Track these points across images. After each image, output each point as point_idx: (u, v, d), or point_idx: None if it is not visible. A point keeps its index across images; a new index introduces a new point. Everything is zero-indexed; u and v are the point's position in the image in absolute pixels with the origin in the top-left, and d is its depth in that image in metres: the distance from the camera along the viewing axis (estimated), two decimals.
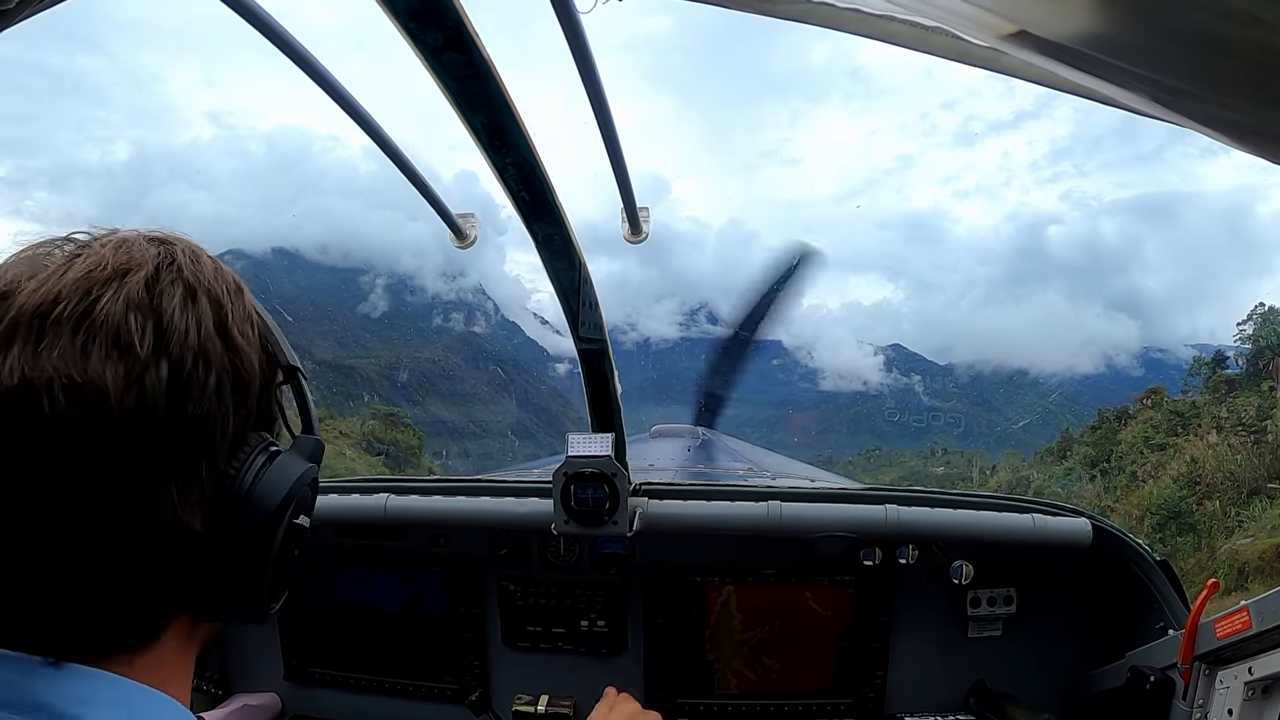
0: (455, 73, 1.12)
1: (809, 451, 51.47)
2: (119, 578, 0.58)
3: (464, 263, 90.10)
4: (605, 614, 2.18)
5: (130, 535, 0.58)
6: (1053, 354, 79.19)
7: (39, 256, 0.61)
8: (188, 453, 0.59)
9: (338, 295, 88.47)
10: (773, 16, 1.05)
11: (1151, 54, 0.58)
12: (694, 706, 2.18)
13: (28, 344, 0.55)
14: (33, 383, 0.54)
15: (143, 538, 0.58)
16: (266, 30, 1.17)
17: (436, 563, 2.22)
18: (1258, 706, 1.50)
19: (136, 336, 0.57)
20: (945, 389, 79.07)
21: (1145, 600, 1.94)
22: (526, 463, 6.53)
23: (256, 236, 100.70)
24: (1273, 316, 24.76)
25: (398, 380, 67.89)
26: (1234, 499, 16.40)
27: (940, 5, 0.66)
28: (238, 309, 0.65)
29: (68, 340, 0.55)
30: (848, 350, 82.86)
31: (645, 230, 1.81)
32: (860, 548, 2.02)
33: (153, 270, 0.61)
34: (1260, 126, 0.63)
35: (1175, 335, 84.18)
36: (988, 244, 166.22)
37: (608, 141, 1.48)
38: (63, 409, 0.54)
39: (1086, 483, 22.98)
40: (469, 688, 2.20)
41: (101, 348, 0.56)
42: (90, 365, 0.55)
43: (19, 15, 0.82)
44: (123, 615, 0.60)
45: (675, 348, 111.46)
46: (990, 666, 2.11)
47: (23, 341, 0.55)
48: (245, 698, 2.31)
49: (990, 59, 0.95)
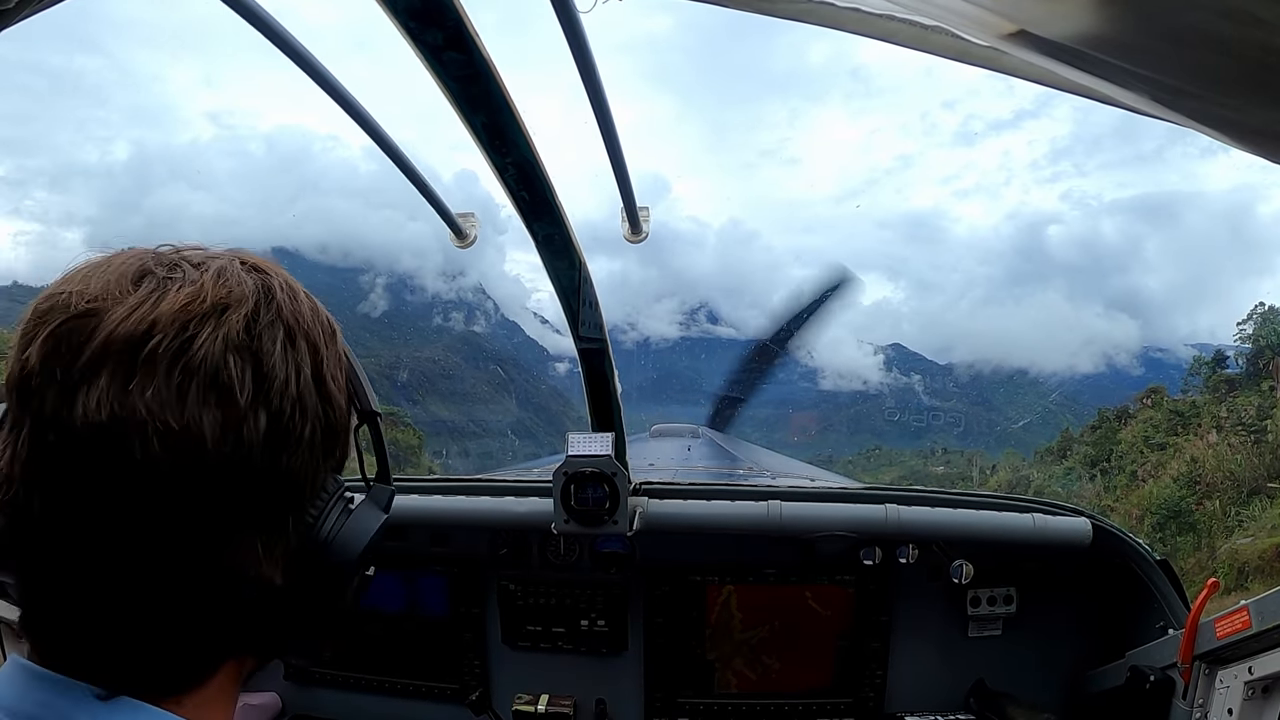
0: (455, 72, 1.12)
1: (809, 451, 51.44)
2: (191, 622, 0.56)
3: (464, 262, 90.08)
4: (605, 614, 2.18)
5: (209, 584, 0.56)
6: (1053, 353, 79.24)
7: (125, 271, 0.56)
8: (277, 505, 0.58)
9: (338, 295, 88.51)
10: (773, 16, 1.05)
11: (1151, 54, 0.58)
12: (694, 706, 2.18)
13: (116, 378, 0.51)
14: (124, 423, 0.51)
15: (222, 588, 0.56)
16: (266, 30, 1.17)
17: (436, 563, 2.22)
18: (1258, 706, 1.50)
19: (237, 382, 0.54)
20: (945, 388, 79.09)
21: (1145, 600, 1.94)
22: (526, 462, 6.53)
23: (256, 236, 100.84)
24: (1273, 316, 24.75)
25: (397, 380, 67.87)
26: (1234, 498, 16.40)
27: (940, 4, 0.66)
28: (331, 354, 0.63)
29: (163, 380, 0.52)
30: (848, 350, 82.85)
31: (645, 230, 1.81)
32: (860, 547, 2.02)
33: (252, 308, 0.57)
34: (1260, 125, 0.63)
35: (1175, 335, 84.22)
36: (988, 243, 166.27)
37: (608, 141, 1.48)
38: (156, 454, 0.51)
39: (1086, 482, 22.98)
40: (469, 687, 2.20)
41: (199, 391, 0.52)
42: (187, 409, 0.52)
43: (19, 15, 0.82)
44: (186, 657, 0.58)
45: (675, 347, 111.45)
46: (990, 666, 2.11)
47: (111, 374, 0.51)
48: (245, 697, 2.30)
49: (990, 58, 0.95)
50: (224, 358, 0.54)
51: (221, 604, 0.57)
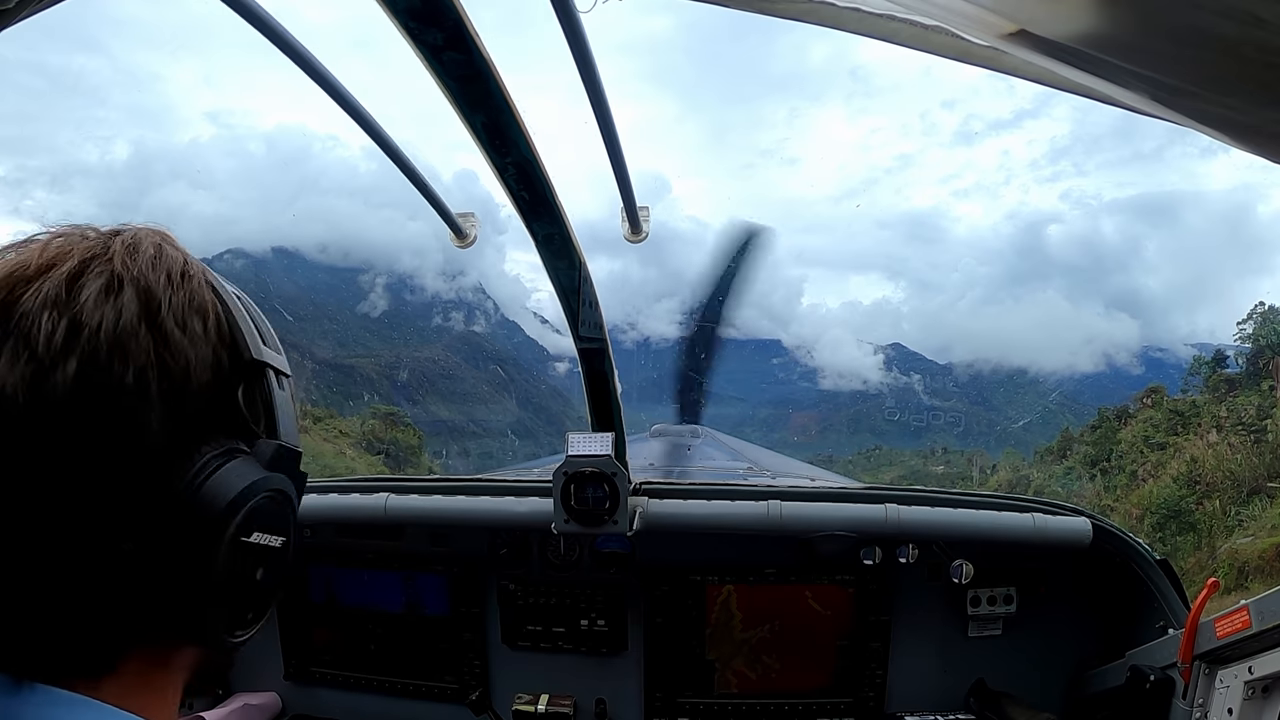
0: (455, 72, 1.12)
1: (809, 451, 51.41)
2: (65, 599, 0.53)
3: (464, 262, 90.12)
4: (605, 613, 2.18)
5: (70, 555, 0.52)
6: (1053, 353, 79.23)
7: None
8: (110, 461, 0.53)
9: (337, 294, 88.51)
10: (774, 15, 1.05)
11: (1151, 53, 0.58)
12: (694, 706, 2.18)
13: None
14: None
15: (84, 558, 0.53)
16: (266, 30, 1.17)
17: (436, 562, 2.22)
18: (1258, 706, 1.50)
19: (46, 335, 0.52)
20: (945, 388, 79.07)
21: (1145, 599, 1.94)
22: (526, 462, 6.53)
23: (256, 236, 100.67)
24: (1273, 316, 24.76)
25: (398, 379, 67.87)
26: (1234, 498, 16.41)
27: (941, 4, 0.66)
28: (179, 297, 0.58)
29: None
30: (848, 349, 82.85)
31: (645, 229, 1.81)
32: (860, 547, 2.02)
33: (76, 265, 0.55)
34: (1260, 125, 0.63)
35: (1175, 334, 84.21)
36: (987, 243, 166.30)
37: (608, 141, 1.48)
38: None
39: (1086, 482, 23.00)
40: (469, 687, 2.20)
41: (13, 350, 0.51)
42: (1, 372, 0.51)
43: (19, 15, 0.82)
44: (78, 639, 0.55)
45: (675, 347, 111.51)
46: (990, 666, 2.11)
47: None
48: (245, 697, 2.31)
49: (990, 58, 0.95)
50: (38, 314, 0.53)
51: (88, 576, 0.53)
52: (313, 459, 33.37)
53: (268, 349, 0.63)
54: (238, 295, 0.64)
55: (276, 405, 0.63)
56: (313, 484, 2.28)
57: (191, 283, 0.59)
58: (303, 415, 6.77)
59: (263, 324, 0.65)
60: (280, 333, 0.70)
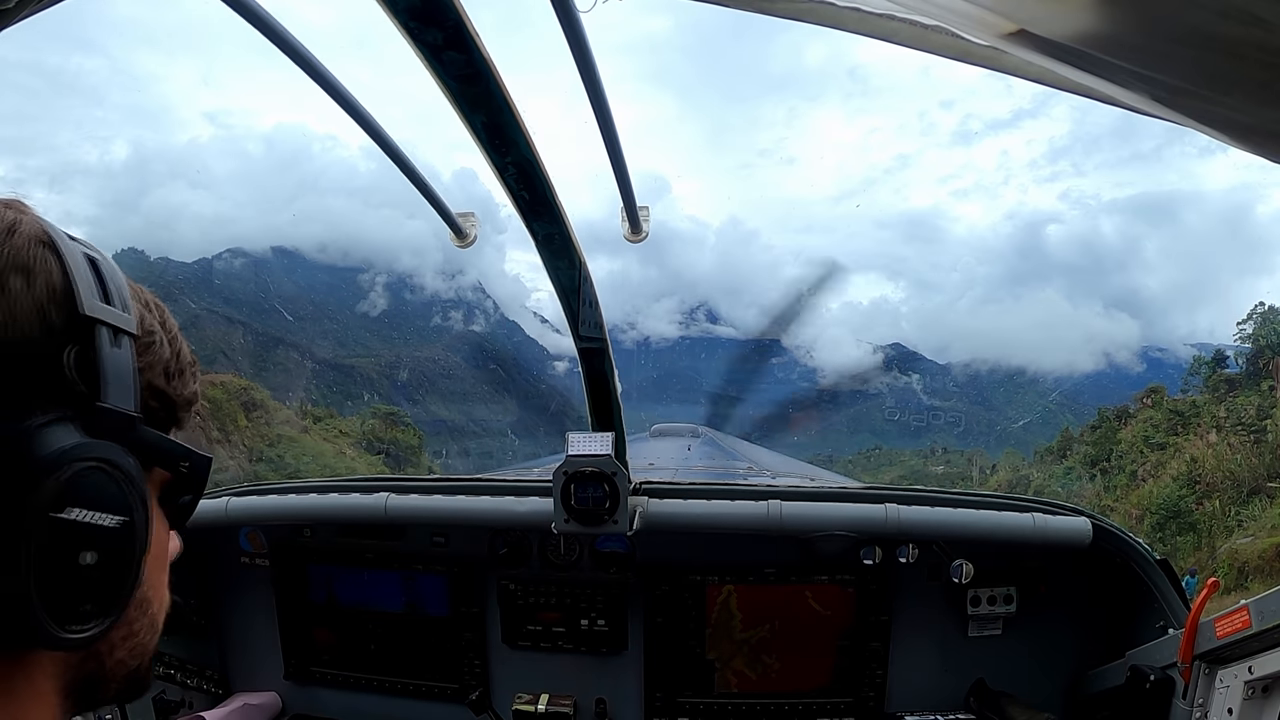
0: (455, 72, 1.12)
1: (809, 450, 51.41)
2: None
3: (463, 261, 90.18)
4: (605, 613, 2.18)
5: None
6: (1052, 353, 79.24)
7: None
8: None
9: (337, 294, 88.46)
10: (774, 15, 1.05)
11: (1151, 53, 0.58)
12: (694, 706, 2.18)
13: None
14: None
15: None
16: (266, 30, 1.17)
17: (436, 562, 2.22)
18: (1258, 705, 1.49)
19: None
20: (945, 388, 79.09)
21: (1145, 599, 1.94)
22: (526, 462, 6.54)
23: (256, 235, 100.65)
24: (1272, 316, 24.77)
25: (397, 379, 67.88)
26: (1234, 498, 16.42)
27: (941, 4, 0.66)
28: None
29: None
30: (848, 349, 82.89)
31: (645, 229, 1.81)
32: (860, 547, 2.02)
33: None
34: (1259, 125, 0.63)
35: (1175, 334, 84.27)
36: (987, 243, 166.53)
37: (608, 141, 1.47)
38: None
39: (1086, 482, 23.02)
40: (469, 687, 2.20)
41: None
42: None
43: (19, 15, 0.82)
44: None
45: (675, 346, 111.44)
46: (990, 665, 2.11)
47: None
48: (245, 697, 2.31)
49: (990, 58, 0.95)
50: None
51: None
52: (313, 459, 33.39)
53: (109, 306, 0.57)
54: (92, 256, 0.59)
55: (104, 364, 0.56)
56: (313, 484, 2.28)
57: (16, 239, 0.55)
58: (303, 415, 6.81)
59: (112, 281, 0.59)
60: (280, 332, 0.68)
